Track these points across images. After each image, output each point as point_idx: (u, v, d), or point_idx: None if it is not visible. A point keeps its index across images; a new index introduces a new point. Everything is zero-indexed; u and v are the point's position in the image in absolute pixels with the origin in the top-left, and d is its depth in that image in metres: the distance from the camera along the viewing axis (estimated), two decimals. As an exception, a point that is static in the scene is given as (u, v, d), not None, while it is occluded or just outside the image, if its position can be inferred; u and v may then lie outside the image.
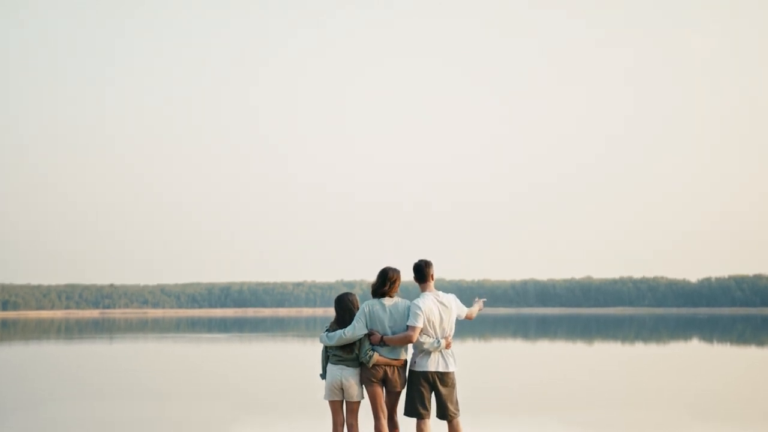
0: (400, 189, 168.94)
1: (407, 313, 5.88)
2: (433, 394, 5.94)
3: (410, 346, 6.03)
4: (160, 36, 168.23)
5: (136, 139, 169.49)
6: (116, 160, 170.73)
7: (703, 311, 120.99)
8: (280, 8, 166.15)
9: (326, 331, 5.99)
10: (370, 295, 5.98)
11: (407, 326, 5.83)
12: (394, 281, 5.93)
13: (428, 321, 5.86)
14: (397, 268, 5.99)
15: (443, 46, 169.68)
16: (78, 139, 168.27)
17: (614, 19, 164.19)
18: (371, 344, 5.84)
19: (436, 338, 5.88)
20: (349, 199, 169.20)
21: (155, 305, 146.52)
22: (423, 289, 6.03)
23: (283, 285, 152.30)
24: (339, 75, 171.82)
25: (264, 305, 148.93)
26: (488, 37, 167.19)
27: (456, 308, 6.05)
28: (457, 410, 5.98)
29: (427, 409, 5.88)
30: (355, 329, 5.80)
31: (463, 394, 6.74)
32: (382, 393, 5.89)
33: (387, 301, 5.91)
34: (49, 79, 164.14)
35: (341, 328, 5.92)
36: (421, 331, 5.85)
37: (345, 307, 6.00)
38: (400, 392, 5.98)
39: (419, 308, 5.83)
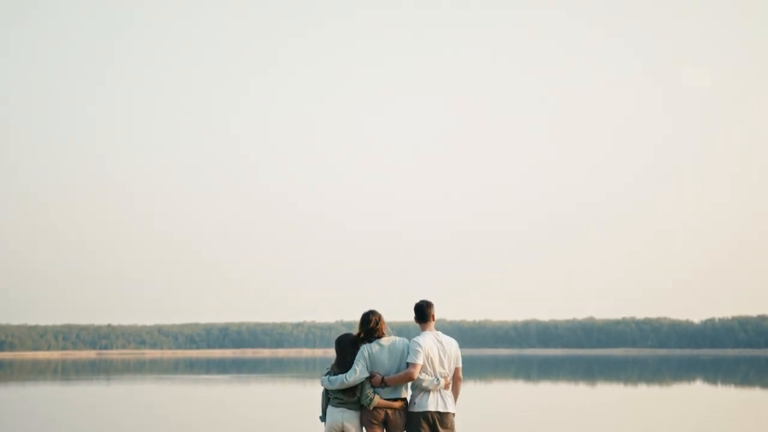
0: (399, 227, 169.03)
1: (407, 351, 5.87)
2: (433, 436, 5.86)
3: (410, 387, 5.99)
4: (150, 56, 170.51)
5: (135, 180, 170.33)
6: (114, 197, 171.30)
7: (706, 352, 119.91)
8: (274, 18, 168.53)
9: (327, 373, 5.96)
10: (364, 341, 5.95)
11: (407, 363, 5.81)
12: (378, 320, 5.94)
13: (427, 359, 5.84)
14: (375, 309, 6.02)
15: (444, 68, 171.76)
16: (75, 177, 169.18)
17: (621, 54, 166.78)
18: (372, 386, 5.80)
19: (435, 377, 5.85)
20: (349, 238, 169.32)
21: (153, 346, 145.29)
22: (423, 329, 6.03)
23: (282, 325, 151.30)
24: (336, 106, 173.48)
25: (263, 346, 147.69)
26: (494, 65, 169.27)
27: (455, 352, 6.02)
28: (457, 454, 5.89)
29: (428, 452, 5.80)
30: (357, 373, 5.78)
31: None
32: (382, 435, 5.83)
33: (384, 341, 5.91)
34: (42, 110, 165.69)
35: (342, 370, 5.89)
36: (421, 369, 5.82)
37: (345, 349, 5.98)
38: (400, 434, 5.91)
39: (419, 345, 5.83)
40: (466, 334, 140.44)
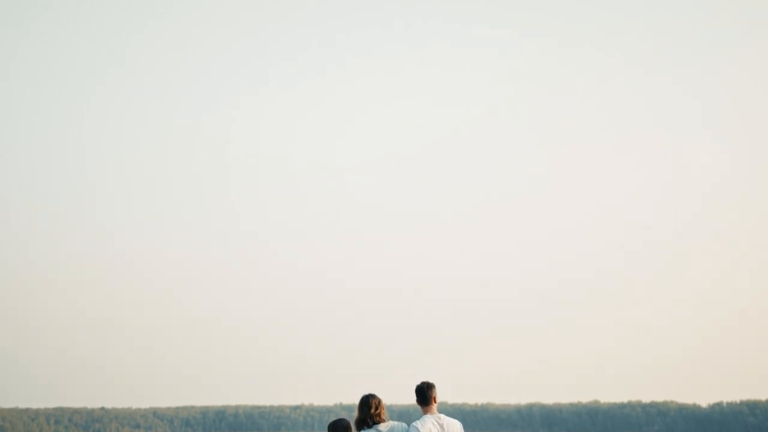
0: (398, 308, 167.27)
1: (405, 437, 5.82)
2: None
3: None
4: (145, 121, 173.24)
5: (127, 262, 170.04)
6: (107, 281, 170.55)
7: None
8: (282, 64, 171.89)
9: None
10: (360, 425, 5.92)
11: (406, 450, 5.75)
12: (378, 405, 5.93)
13: (428, 443, 5.78)
14: (374, 393, 6.01)
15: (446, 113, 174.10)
16: (71, 255, 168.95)
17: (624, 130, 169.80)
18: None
19: (436, 462, 5.78)
20: (347, 319, 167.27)
21: (148, 429, 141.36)
22: (425, 412, 6.00)
23: (280, 408, 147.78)
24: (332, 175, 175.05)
25: (260, 429, 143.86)
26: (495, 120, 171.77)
27: None
28: None
29: None
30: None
31: None
32: None
33: (383, 426, 5.88)
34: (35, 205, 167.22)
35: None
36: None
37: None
38: None
39: (418, 430, 5.78)
40: (468, 417, 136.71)
